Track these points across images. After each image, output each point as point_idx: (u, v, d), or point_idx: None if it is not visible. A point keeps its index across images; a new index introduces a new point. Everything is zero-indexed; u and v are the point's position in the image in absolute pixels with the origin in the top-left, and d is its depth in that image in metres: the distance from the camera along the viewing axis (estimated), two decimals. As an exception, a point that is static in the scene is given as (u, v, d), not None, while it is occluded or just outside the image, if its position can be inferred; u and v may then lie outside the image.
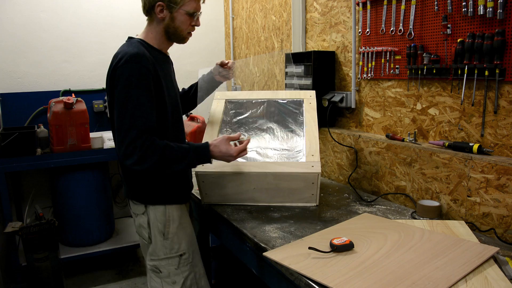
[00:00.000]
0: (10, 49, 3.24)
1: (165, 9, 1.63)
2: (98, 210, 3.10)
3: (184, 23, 1.67)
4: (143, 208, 1.72)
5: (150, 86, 1.56)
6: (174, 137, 1.71)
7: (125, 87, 1.52)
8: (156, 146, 1.53)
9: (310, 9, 2.66)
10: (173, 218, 1.73)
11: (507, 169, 1.52)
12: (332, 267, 1.28)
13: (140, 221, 1.75)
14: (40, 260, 2.69)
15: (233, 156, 1.66)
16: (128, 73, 1.53)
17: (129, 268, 3.29)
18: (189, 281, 1.74)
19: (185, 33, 1.71)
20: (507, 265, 1.28)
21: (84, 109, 2.92)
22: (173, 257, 1.72)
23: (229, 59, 3.98)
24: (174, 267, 1.72)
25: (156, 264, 1.73)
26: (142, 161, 1.50)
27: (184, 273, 1.73)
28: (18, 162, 2.74)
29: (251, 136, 2.26)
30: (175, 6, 1.62)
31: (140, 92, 1.53)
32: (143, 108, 1.52)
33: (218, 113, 2.13)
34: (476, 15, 1.62)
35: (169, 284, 1.72)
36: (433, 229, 1.58)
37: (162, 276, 1.73)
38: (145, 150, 1.50)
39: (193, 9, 1.66)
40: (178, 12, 1.64)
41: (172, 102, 1.71)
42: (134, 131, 1.50)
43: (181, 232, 1.74)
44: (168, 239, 1.72)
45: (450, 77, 1.76)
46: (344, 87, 2.42)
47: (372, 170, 2.15)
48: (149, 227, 1.72)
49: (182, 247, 1.74)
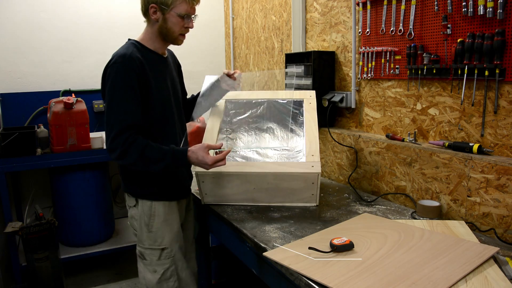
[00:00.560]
0: (10, 49, 3.24)
1: (158, 10, 1.71)
2: (98, 210, 3.10)
3: (176, 25, 1.73)
4: (134, 201, 1.83)
5: (135, 85, 1.65)
6: (162, 134, 1.78)
7: (112, 85, 1.64)
8: (138, 143, 1.63)
9: (310, 9, 2.66)
10: (158, 214, 1.81)
11: (507, 169, 1.52)
12: (332, 267, 1.28)
13: (132, 212, 1.86)
14: (40, 260, 2.69)
15: (208, 164, 1.68)
16: (115, 73, 1.64)
17: (129, 268, 3.28)
18: (169, 272, 1.84)
19: (176, 34, 1.76)
20: (507, 265, 1.28)
21: (84, 109, 2.92)
22: (155, 249, 1.82)
23: (229, 59, 3.98)
24: (155, 258, 1.83)
25: (142, 251, 1.85)
26: (123, 156, 1.62)
27: (165, 265, 1.83)
28: (18, 162, 2.74)
29: (250, 136, 2.26)
30: (167, 8, 1.69)
31: (125, 90, 1.63)
32: (127, 105, 1.63)
33: (218, 113, 2.13)
34: (476, 15, 1.62)
35: (150, 272, 1.83)
36: (433, 229, 1.58)
37: (146, 263, 1.85)
38: (127, 145, 1.61)
39: (185, 11, 1.72)
40: (170, 14, 1.71)
41: (162, 100, 1.77)
42: (117, 127, 1.61)
43: (165, 228, 1.83)
44: (152, 232, 1.81)
45: (450, 77, 1.76)
46: (344, 87, 2.42)
47: (372, 170, 2.15)
48: (138, 219, 1.83)
49: (164, 241, 1.82)
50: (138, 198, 1.82)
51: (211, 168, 1.70)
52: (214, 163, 1.68)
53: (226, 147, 1.96)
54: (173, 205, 1.86)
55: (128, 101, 1.64)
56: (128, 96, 1.64)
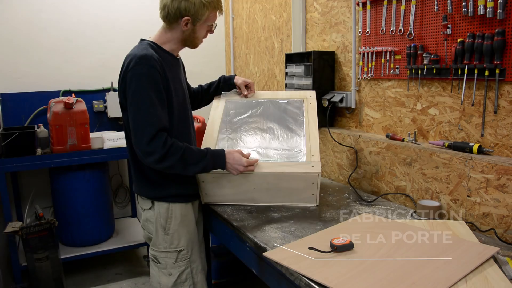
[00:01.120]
0: (10, 49, 3.24)
1: (190, 23, 1.71)
2: (98, 210, 3.10)
3: (202, 34, 1.79)
4: (150, 203, 1.81)
5: (160, 87, 1.64)
6: (181, 135, 1.78)
7: (138, 88, 1.61)
8: (178, 146, 1.63)
9: (310, 9, 2.66)
10: (175, 216, 1.80)
11: (507, 169, 1.52)
12: (332, 267, 1.28)
13: (147, 215, 1.85)
14: (40, 260, 2.69)
15: (244, 166, 1.76)
16: (140, 74, 1.60)
17: (129, 268, 3.29)
18: (184, 275, 1.83)
19: (201, 41, 1.82)
20: (507, 265, 1.28)
21: (84, 109, 2.92)
22: (172, 251, 1.81)
23: (229, 59, 3.98)
24: (172, 261, 1.81)
25: (156, 255, 1.83)
26: (163, 159, 1.60)
27: (181, 268, 1.82)
28: (18, 162, 2.74)
29: (250, 136, 2.26)
30: (199, 21, 1.72)
31: (152, 92, 1.61)
32: (156, 108, 1.61)
33: (218, 113, 2.13)
34: (476, 15, 1.62)
35: (165, 275, 1.82)
36: (433, 229, 1.58)
37: (160, 267, 1.82)
38: (168, 148, 1.60)
39: (213, 21, 1.77)
40: (201, 26, 1.74)
41: (179, 103, 1.78)
42: (151, 129, 1.58)
43: (182, 229, 1.82)
44: (168, 234, 1.80)
45: (450, 77, 1.76)
46: (344, 87, 2.42)
47: (372, 170, 2.15)
48: (154, 222, 1.81)
49: (181, 243, 1.82)
50: (154, 201, 1.80)
51: (242, 171, 1.76)
52: (248, 166, 1.76)
53: (226, 147, 1.97)
54: (189, 206, 1.87)
55: (157, 103, 1.62)
56: (157, 98, 1.62)
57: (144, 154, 1.61)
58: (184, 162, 1.64)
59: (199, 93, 2.15)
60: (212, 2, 1.71)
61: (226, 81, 2.14)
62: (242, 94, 2.11)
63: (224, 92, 2.16)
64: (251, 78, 3.60)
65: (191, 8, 1.67)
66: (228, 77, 2.14)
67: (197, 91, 2.15)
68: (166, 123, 1.65)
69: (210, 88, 2.15)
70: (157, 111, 1.61)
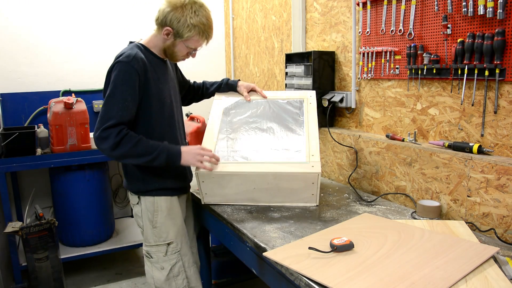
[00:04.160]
0: (10, 49, 3.24)
1: (171, 34, 1.74)
2: (98, 210, 3.10)
3: (181, 52, 1.81)
4: (137, 198, 1.87)
5: (135, 85, 1.70)
6: (163, 132, 1.83)
7: (113, 83, 1.69)
8: (132, 136, 1.68)
9: (310, 9, 2.66)
10: (161, 209, 1.85)
11: (507, 169, 1.52)
12: (332, 267, 1.28)
13: (135, 210, 1.91)
14: (40, 260, 2.69)
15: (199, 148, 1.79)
16: (118, 70, 1.69)
17: (129, 268, 3.28)
18: (176, 268, 1.87)
19: (179, 59, 1.85)
20: (507, 265, 1.28)
21: (84, 109, 2.92)
22: (161, 245, 1.85)
23: (229, 59, 3.98)
24: (162, 254, 1.86)
25: (148, 250, 1.88)
26: (116, 146, 1.65)
27: (172, 261, 1.86)
28: (18, 162, 2.74)
29: (250, 136, 2.26)
30: (180, 38, 1.74)
31: (125, 88, 1.68)
32: (125, 103, 1.68)
33: (218, 113, 2.13)
34: (476, 15, 1.62)
35: (158, 269, 1.87)
36: (433, 229, 1.58)
37: (153, 261, 1.87)
38: (121, 137, 1.65)
39: (194, 46, 1.79)
40: (181, 43, 1.77)
41: (162, 100, 1.82)
42: (112, 120, 1.65)
43: (169, 222, 1.86)
44: (156, 227, 1.85)
45: (450, 77, 1.76)
46: (344, 87, 2.42)
47: (372, 170, 2.15)
48: (142, 216, 1.87)
49: (170, 236, 1.86)
50: (140, 195, 1.85)
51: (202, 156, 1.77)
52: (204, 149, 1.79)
53: (226, 147, 1.97)
54: (174, 200, 1.90)
55: (127, 99, 1.68)
56: (128, 94, 1.68)
57: (98, 139, 1.66)
58: (136, 151, 1.68)
59: (200, 89, 2.21)
60: (198, 28, 1.72)
61: (229, 85, 2.19)
62: (245, 99, 2.15)
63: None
64: (251, 78, 3.60)
65: (174, 22, 1.71)
66: (232, 82, 2.19)
67: (197, 87, 2.21)
68: (129, 119, 1.70)
69: (212, 87, 2.21)
70: (124, 106, 1.67)
